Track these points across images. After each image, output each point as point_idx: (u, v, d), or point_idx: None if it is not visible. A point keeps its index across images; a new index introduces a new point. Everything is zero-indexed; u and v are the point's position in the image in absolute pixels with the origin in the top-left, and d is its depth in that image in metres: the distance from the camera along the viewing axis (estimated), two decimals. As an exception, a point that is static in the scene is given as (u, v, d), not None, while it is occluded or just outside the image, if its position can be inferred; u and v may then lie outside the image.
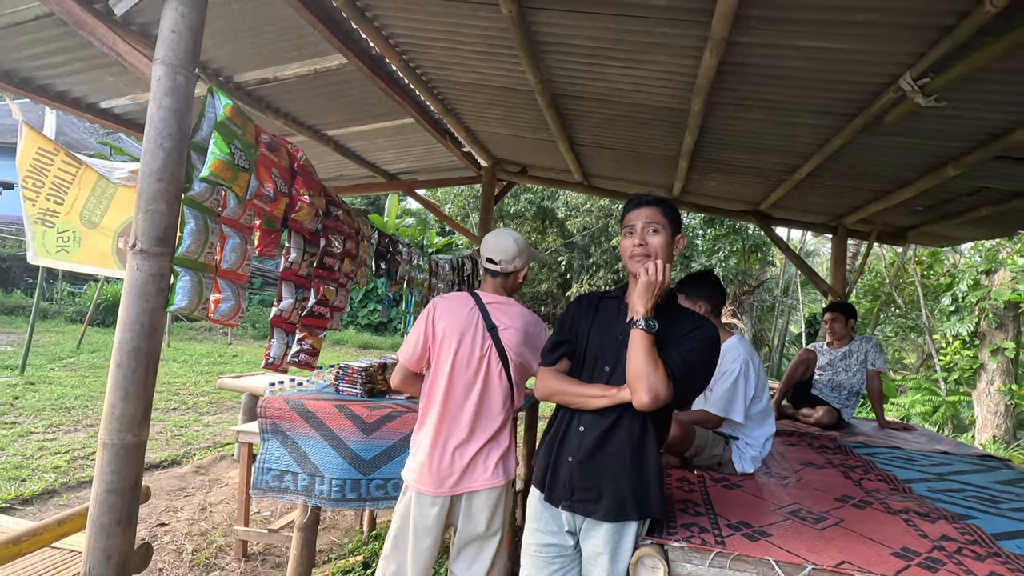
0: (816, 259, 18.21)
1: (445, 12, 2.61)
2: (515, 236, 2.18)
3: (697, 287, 2.60)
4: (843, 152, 3.34)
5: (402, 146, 5.04)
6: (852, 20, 2.06)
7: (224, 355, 10.51)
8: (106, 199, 3.73)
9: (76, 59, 3.00)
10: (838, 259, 5.66)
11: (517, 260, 2.14)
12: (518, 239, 2.17)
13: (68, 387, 6.74)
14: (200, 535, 3.45)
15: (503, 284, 2.16)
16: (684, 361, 1.56)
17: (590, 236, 15.97)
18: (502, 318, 2.07)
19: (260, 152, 1.97)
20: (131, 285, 1.62)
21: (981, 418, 7.61)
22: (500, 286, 2.16)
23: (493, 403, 2.03)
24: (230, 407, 6.76)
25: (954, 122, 2.79)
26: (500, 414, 2.03)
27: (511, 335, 2.05)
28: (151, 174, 1.63)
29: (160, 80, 1.64)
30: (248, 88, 3.55)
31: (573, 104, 3.50)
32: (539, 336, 2.12)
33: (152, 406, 1.69)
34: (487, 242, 2.17)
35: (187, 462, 4.79)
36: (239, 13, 2.69)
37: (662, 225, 1.65)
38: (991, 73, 2.23)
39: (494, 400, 2.03)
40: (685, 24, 2.30)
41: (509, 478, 2.05)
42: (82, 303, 13.01)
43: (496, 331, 2.04)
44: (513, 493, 2.02)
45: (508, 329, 2.05)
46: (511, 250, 2.13)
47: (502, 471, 2.03)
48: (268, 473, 2.51)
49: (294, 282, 2.42)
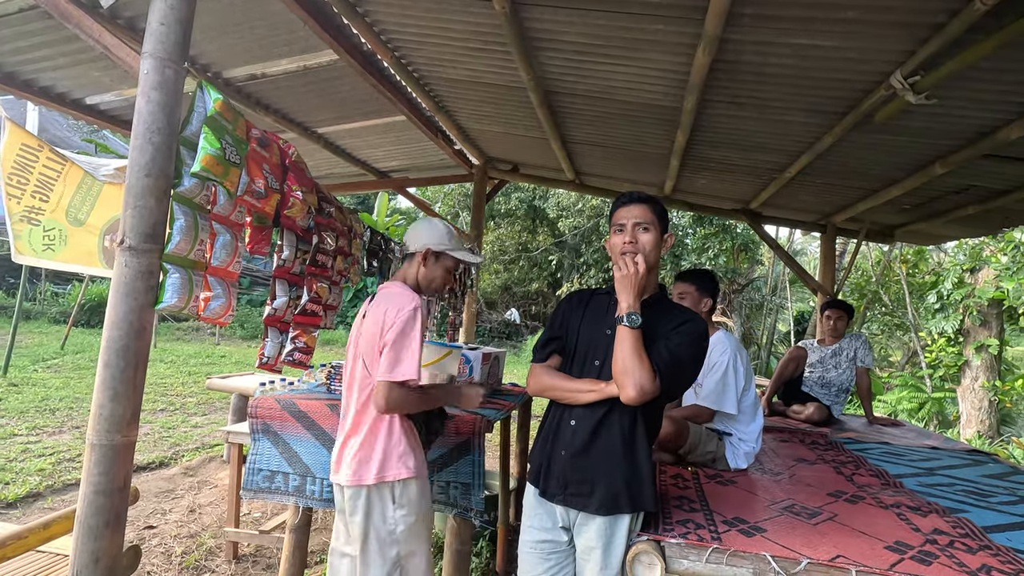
0: (804, 257, 18.36)
1: (437, 8, 2.60)
2: (433, 223, 2.08)
3: (707, 284, 2.62)
4: (833, 150, 3.37)
5: (393, 143, 5.00)
6: (844, 18, 2.07)
7: (212, 355, 10.39)
8: (92, 196, 3.65)
9: (61, 53, 2.94)
10: (827, 257, 5.72)
11: (416, 243, 2.02)
12: (432, 225, 2.06)
13: (52, 389, 6.63)
14: (189, 537, 3.40)
15: (407, 269, 2.07)
16: (671, 355, 1.59)
17: (581, 235, 15.99)
18: (372, 306, 1.98)
19: (251, 148, 1.94)
20: (119, 282, 1.58)
21: (966, 414, 7.72)
22: (405, 271, 2.07)
23: (352, 395, 1.96)
24: (219, 408, 6.68)
25: (943, 120, 2.82)
26: (354, 407, 1.94)
27: (364, 324, 1.96)
28: (139, 169, 1.60)
29: (148, 74, 1.60)
30: (237, 84, 3.50)
31: (566, 101, 3.49)
32: (389, 327, 1.85)
33: (141, 406, 1.66)
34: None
35: (175, 464, 4.73)
36: (228, 7, 2.65)
37: (652, 224, 1.67)
38: (980, 71, 2.25)
39: (352, 392, 1.96)
40: (678, 21, 2.30)
41: (363, 481, 1.86)
42: (66, 303, 12.80)
43: (362, 320, 1.99)
44: (368, 499, 1.87)
45: (366, 317, 1.96)
46: (413, 233, 2.05)
47: (356, 470, 1.88)
48: (259, 474, 2.48)
49: (287, 280, 2.39)
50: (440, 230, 2.05)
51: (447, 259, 2.04)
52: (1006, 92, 2.47)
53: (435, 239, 2.02)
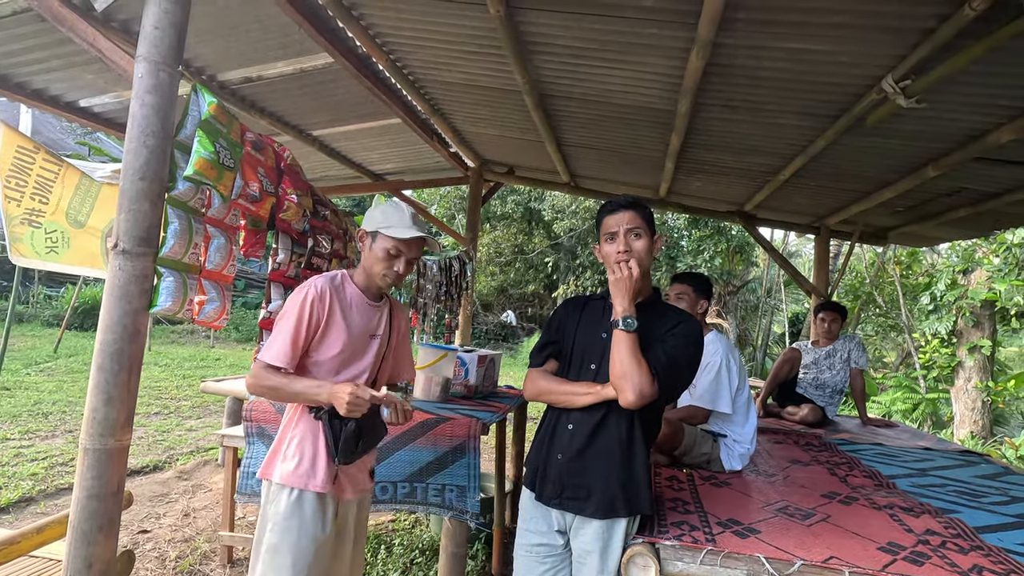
0: (798, 259, 18.45)
1: (433, 12, 2.60)
2: (377, 206, 1.84)
3: (704, 286, 2.66)
4: (826, 153, 3.39)
5: (389, 146, 5.01)
6: (836, 22, 2.09)
7: (207, 358, 10.34)
8: (91, 198, 3.64)
9: (55, 56, 2.93)
10: (821, 259, 5.75)
11: (367, 224, 1.81)
12: (374, 208, 1.84)
13: (45, 392, 6.58)
14: (183, 541, 3.38)
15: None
16: (668, 358, 1.59)
17: (576, 237, 16.01)
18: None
19: (246, 151, 1.94)
20: (113, 286, 1.58)
21: (959, 414, 7.77)
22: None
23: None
24: (213, 411, 6.65)
25: (934, 123, 2.84)
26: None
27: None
28: (134, 172, 1.60)
29: (143, 77, 1.61)
30: (232, 87, 3.50)
31: (560, 105, 3.51)
32: (283, 311, 1.74)
33: (135, 410, 1.66)
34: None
35: (169, 467, 4.70)
36: (223, 10, 2.65)
37: (643, 229, 1.68)
38: (970, 75, 2.27)
39: None
40: (672, 25, 2.31)
41: (268, 476, 1.74)
42: (59, 306, 12.71)
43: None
44: (265, 490, 1.72)
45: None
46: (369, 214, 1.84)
47: (266, 465, 1.77)
48: (253, 478, 2.47)
49: (283, 283, 2.39)
50: (377, 211, 1.81)
51: (382, 239, 1.75)
52: (995, 96, 2.50)
53: (370, 222, 1.80)
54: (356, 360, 1.80)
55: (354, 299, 1.80)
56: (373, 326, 1.83)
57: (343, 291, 1.79)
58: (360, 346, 1.80)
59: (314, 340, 1.72)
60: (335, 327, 1.74)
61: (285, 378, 1.67)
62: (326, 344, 1.74)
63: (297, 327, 1.67)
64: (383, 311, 1.87)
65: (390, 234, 1.73)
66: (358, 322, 1.79)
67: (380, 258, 1.76)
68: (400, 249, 1.75)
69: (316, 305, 1.70)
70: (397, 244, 1.74)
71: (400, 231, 1.72)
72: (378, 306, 1.86)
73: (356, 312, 1.79)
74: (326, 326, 1.72)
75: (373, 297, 1.84)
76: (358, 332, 1.78)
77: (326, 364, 1.75)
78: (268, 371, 1.66)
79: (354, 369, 1.80)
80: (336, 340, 1.74)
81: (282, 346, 1.66)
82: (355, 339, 1.77)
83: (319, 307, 1.71)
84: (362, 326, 1.80)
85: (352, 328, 1.76)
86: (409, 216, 1.78)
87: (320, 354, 1.74)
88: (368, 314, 1.82)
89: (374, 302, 1.84)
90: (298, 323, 1.68)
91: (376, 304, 1.85)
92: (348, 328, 1.75)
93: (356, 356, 1.80)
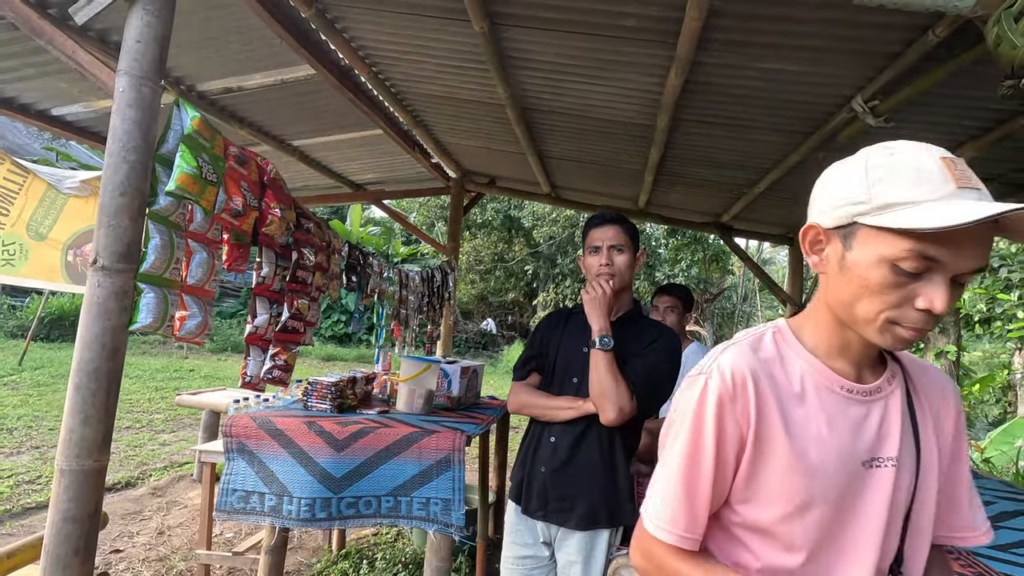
0: (772, 267, 18.86)
1: (416, 26, 2.62)
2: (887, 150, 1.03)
3: (690, 299, 2.73)
4: (800, 168, 3.49)
5: (369, 156, 4.99)
6: (808, 45, 2.17)
7: (180, 369, 10.11)
8: (55, 210, 3.54)
9: (28, 65, 2.87)
10: (795, 268, 5.90)
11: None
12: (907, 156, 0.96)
13: (9, 407, 6.35)
14: (158, 560, 3.30)
15: None
16: (647, 373, 1.63)
17: (556, 245, 16.13)
18: None
19: (229, 165, 1.92)
20: (91, 303, 1.55)
21: (928, 419, 8.00)
22: None
23: None
24: (188, 425, 6.50)
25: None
26: None
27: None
28: (114, 188, 1.58)
29: (124, 91, 1.59)
30: (211, 97, 3.46)
31: (543, 118, 3.55)
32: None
33: (113, 429, 1.62)
34: None
35: (143, 484, 4.58)
36: (205, 21, 2.63)
37: (626, 245, 1.73)
38: (934, 97, 2.37)
39: None
40: (652, 44, 2.37)
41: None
42: (24, 317, 12.30)
43: None
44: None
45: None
46: None
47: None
48: (233, 494, 2.43)
49: (268, 297, 2.36)
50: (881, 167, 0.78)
51: (890, 238, 0.76)
52: (958, 116, 2.61)
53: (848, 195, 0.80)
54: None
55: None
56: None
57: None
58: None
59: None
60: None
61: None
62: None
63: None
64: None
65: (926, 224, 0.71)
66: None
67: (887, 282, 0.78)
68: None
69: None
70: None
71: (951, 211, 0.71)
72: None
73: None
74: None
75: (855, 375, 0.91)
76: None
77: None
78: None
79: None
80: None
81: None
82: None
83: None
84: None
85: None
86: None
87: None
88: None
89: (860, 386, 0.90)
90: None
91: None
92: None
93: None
